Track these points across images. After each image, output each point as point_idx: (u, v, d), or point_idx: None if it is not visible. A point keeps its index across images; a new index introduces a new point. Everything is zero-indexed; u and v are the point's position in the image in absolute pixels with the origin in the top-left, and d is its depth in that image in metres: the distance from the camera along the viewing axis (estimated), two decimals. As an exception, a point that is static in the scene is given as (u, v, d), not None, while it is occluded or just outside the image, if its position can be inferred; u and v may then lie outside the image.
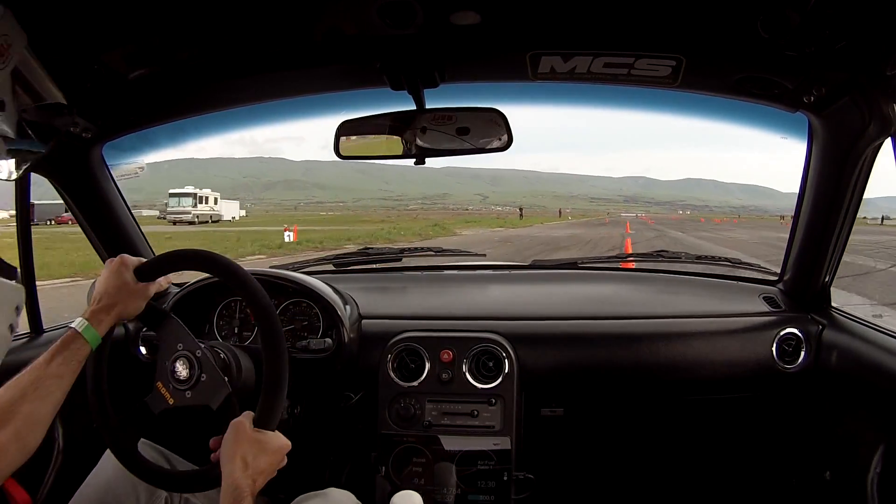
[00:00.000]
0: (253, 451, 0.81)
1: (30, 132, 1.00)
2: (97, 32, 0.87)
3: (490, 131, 1.13)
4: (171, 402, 0.90)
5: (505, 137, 1.13)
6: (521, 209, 58.70)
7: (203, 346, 0.92)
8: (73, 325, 0.86)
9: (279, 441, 0.85)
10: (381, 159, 1.21)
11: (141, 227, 1.50)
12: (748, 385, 1.36)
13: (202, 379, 0.90)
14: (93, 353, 0.90)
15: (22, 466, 0.78)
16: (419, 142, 1.15)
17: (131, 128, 1.29)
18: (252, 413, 0.85)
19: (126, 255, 0.95)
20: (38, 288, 1.33)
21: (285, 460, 0.87)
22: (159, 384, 0.91)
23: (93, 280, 1.46)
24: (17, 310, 0.72)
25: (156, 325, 0.96)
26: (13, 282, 0.70)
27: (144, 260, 0.96)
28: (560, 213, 70.53)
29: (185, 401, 0.90)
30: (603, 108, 1.41)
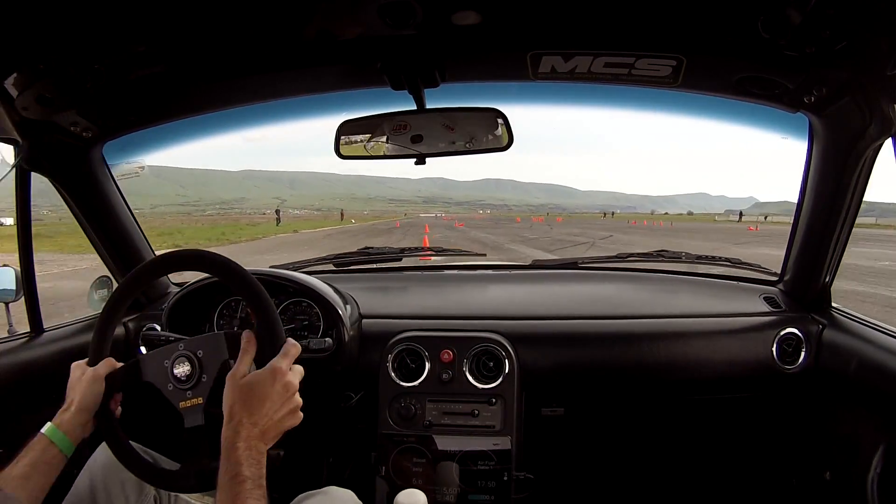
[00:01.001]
0: (241, 398, 0.76)
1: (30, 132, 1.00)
2: (97, 32, 0.87)
3: (490, 130, 1.13)
4: (199, 402, 0.89)
5: (505, 137, 1.13)
6: (277, 212, 48.39)
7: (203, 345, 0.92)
8: (42, 429, 0.84)
9: (273, 377, 0.78)
10: (381, 159, 1.21)
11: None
12: (748, 385, 1.37)
13: (202, 379, 0.89)
14: (91, 352, 0.90)
15: None
16: (419, 141, 1.15)
17: (131, 128, 1.29)
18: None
19: (74, 364, 0.91)
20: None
21: (299, 415, 0.81)
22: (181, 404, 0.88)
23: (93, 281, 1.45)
24: None
25: (133, 376, 0.92)
26: None
27: (117, 367, 0.91)
28: (342, 215, 60.13)
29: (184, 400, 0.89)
30: (603, 108, 1.41)
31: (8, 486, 0.76)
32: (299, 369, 0.85)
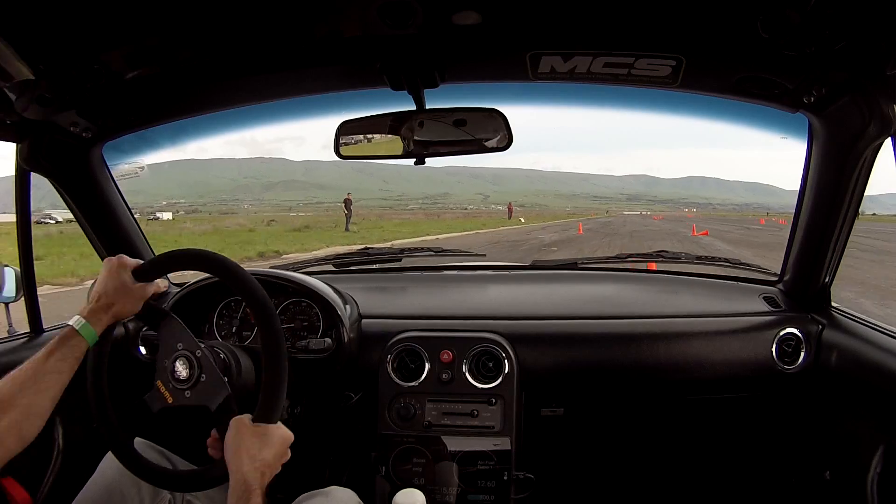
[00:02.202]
0: (257, 444, 0.81)
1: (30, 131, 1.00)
2: (97, 32, 0.87)
3: (490, 131, 1.13)
4: (169, 401, 0.90)
5: (505, 137, 1.13)
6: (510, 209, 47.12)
7: (203, 346, 0.92)
8: (70, 322, 0.87)
9: (281, 432, 0.85)
10: (381, 159, 1.21)
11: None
12: (748, 385, 1.37)
13: (202, 379, 0.90)
14: (92, 351, 0.90)
15: (22, 466, 0.78)
16: (419, 142, 1.15)
17: (131, 128, 1.29)
18: (250, 414, 0.85)
19: (124, 256, 0.95)
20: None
21: (289, 453, 0.86)
22: (159, 383, 0.91)
23: (93, 280, 1.46)
24: None
25: (155, 324, 0.96)
26: None
27: (142, 261, 0.96)
28: (510, 211, 46.72)
29: (183, 400, 0.90)
30: (603, 108, 1.41)
31: (43, 378, 0.82)
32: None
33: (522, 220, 38.51)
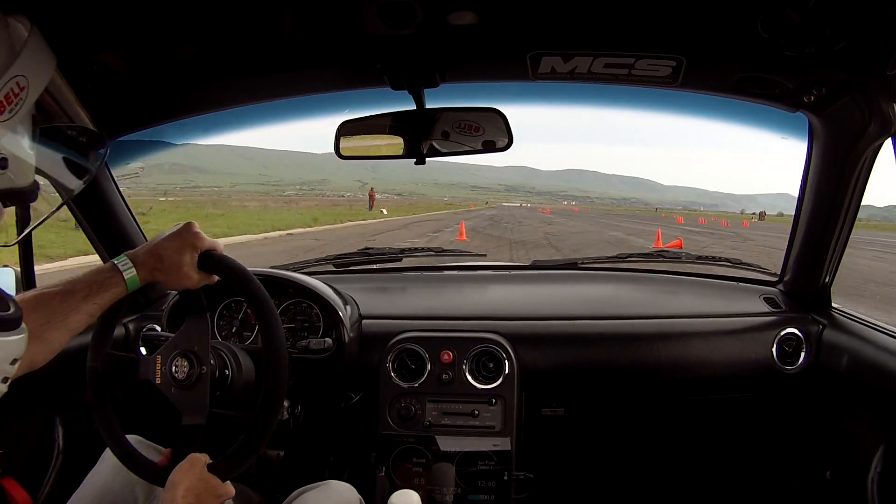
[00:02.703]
0: (201, 487, 0.81)
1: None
2: (97, 32, 0.87)
3: (490, 131, 1.13)
4: (157, 380, 0.90)
5: (505, 137, 1.13)
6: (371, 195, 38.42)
7: (212, 362, 0.92)
8: (117, 261, 0.83)
9: (224, 489, 0.84)
10: (381, 159, 1.21)
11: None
12: (748, 385, 1.37)
13: (192, 390, 0.89)
14: (91, 351, 0.90)
15: (22, 466, 0.78)
16: (419, 142, 1.15)
17: (131, 128, 1.29)
18: (207, 456, 0.85)
19: (201, 234, 0.89)
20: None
21: None
22: (158, 358, 0.90)
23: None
24: (14, 362, 0.67)
25: (190, 311, 0.93)
26: (13, 335, 0.65)
27: (215, 246, 0.91)
28: (372, 200, 37.41)
29: (167, 392, 0.89)
30: (603, 108, 1.41)
31: (75, 317, 0.79)
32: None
33: (384, 211, 32.17)
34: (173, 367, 0.89)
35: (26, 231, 0.75)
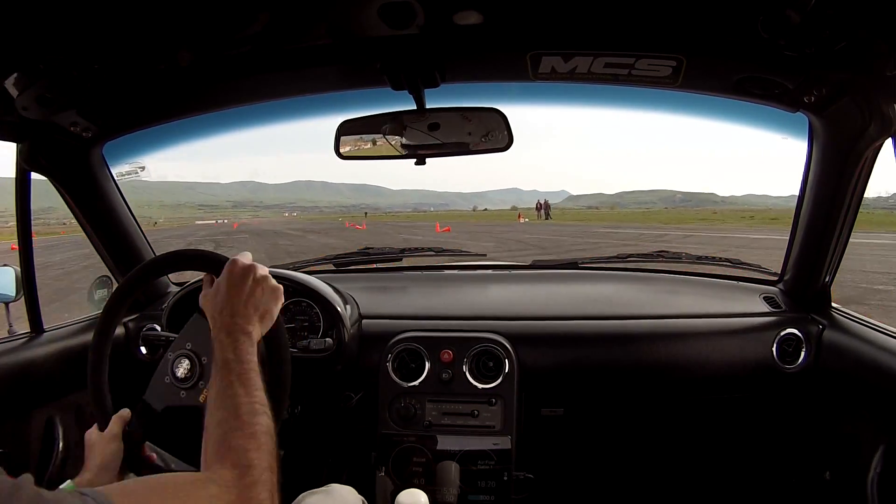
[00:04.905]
0: (213, 305, 0.79)
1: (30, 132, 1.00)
2: (97, 33, 0.87)
3: (491, 131, 1.13)
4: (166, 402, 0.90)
5: (505, 137, 1.13)
6: None
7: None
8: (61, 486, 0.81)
9: (228, 271, 0.81)
10: (381, 159, 1.21)
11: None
12: (748, 385, 1.36)
13: (199, 385, 0.90)
14: (92, 350, 0.90)
15: (22, 466, 0.78)
16: (419, 142, 1.15)
17: (131, 128, 1.29)
18: None
19: (87, 433, 0.89)
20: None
21: (258, 271, 0.82)
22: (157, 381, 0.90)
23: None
24: None
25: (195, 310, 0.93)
26: None
27: (101, 418, 0.90)
28: None
29: (177, 400, 0.90)
30: (603, 108, 1.41)
31: None
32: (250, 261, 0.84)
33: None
34: (174, 373, 0.89)
35: None
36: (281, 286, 0.84)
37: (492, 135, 1.13)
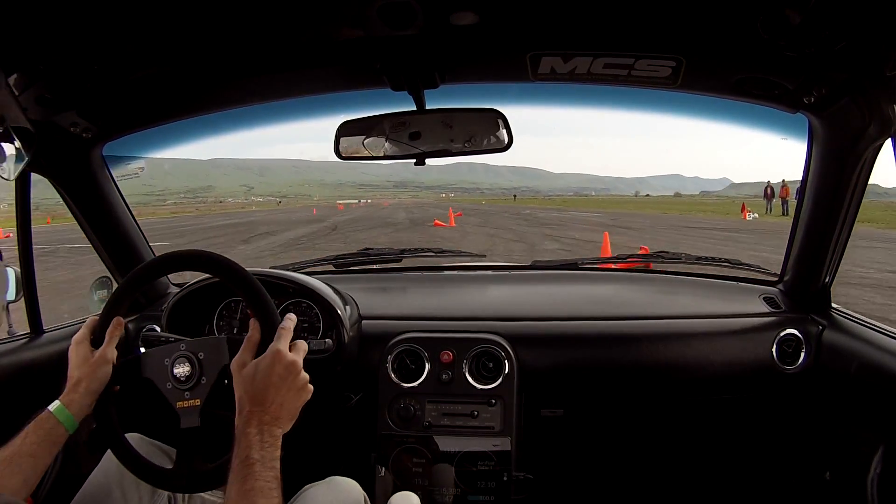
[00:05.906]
0: (247, 388, 0.79)
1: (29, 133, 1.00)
2: (97, 33, 0.87)
3: (490, 131, 1.13)
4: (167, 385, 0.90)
5: (505, 137, 1.13)
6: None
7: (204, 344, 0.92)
8: (50, 407, 0.84)
9: (274, 361, 0.81)
10: (381, 160, 1.21)
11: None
12: (748, 385, 1.36)
13: (202, 382, 0.90)
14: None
15: None
16: (419, 142, 1.15)
17: (131, 128, 1.29)
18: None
19: (79, 333, 0.91)
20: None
21: (301, 377, 0.84)
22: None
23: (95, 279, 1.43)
24: None
25: (136, 372, 0.93)
26: None
27: (96, 325, 0.92)
28: None
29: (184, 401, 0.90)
30: (603, 109, 1.41)
31: (17, 460, 0.78)
32: (302, 346, 0.87)
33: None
34: (175, 376, 0.89)
35: None
36: (311, 387, 0.86)
37: (491, 135, 1.13)
